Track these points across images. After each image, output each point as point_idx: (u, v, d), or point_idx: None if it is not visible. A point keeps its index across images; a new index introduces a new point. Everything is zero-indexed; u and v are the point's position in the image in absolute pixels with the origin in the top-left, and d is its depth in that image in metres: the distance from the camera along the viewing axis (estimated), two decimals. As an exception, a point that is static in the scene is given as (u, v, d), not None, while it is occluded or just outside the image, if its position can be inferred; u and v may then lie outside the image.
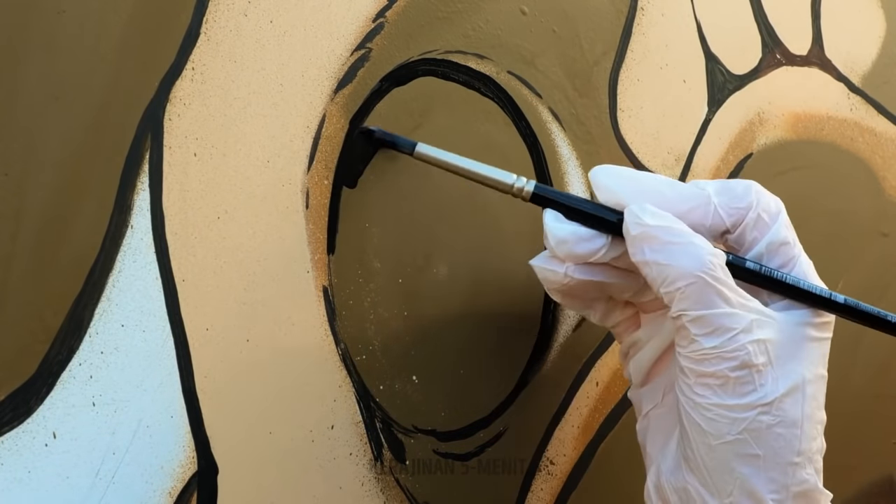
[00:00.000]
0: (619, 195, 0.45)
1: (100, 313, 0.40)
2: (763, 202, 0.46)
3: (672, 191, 0.45)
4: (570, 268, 0.45)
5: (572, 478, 0.56)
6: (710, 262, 0.42)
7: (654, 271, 0.43)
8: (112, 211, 0.40)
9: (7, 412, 0.38)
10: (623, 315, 0.49)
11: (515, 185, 0.46)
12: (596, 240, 0.45)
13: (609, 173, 0.45)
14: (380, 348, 0.48)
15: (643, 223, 0.43)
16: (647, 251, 0.43)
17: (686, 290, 0.42)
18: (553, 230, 0.45)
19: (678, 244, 0.43)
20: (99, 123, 0.40)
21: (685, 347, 0.43)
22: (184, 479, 0.42)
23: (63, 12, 0.39)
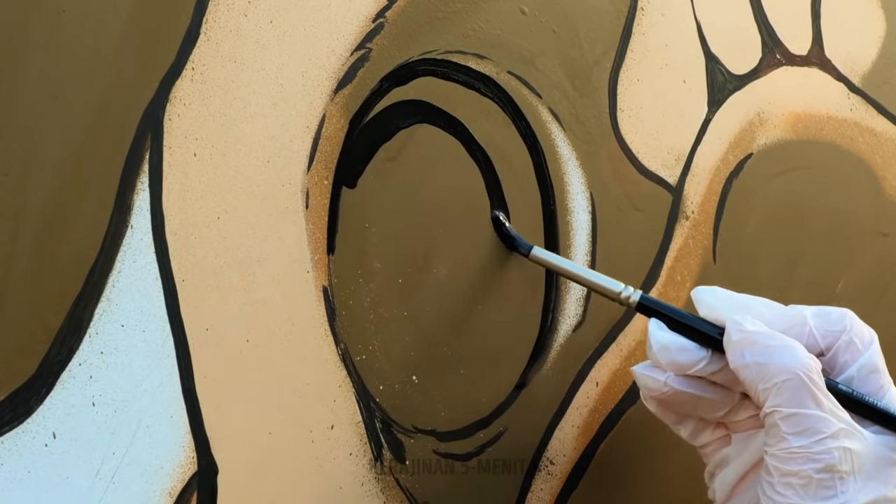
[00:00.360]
0: (719, 312, 0.47)
1: (100, 313, 0.40)
2: (857, 328, 0.48)
3: (770, 311, 0.47)
4: (671, 377, 0.47)
5: (572, 478, 0.56)
6: (808, 364, 0.44)
7: (753, 372, 0.44)
8: (112, 211, 0.40)
9: (7, 412, 0.38)
10: (713, 436, 0.50)
11: (622, 293, 0.49)
12: (697, 351, 0.46)
13: (711, 293, 0.48)
14: (380, 348, 0.48)
15: (744, 329, 0.45)
16: (746, 354, 0.45)
17: (783, 385, 0.44)
18: (656, 337, 0.47)
19: (778, 347, 0.44)
20: (99, 123, 0.40)
21: (773, 445, 0.44)
22: (184, 479, 0.42)
23: (63, 12, 0.39)
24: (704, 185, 0.61)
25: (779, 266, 0.65)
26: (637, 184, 0.58)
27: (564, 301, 0.55)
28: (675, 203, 0.60)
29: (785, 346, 0.44)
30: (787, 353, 0.44)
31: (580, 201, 0.56)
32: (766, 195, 0.64)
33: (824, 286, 0.68)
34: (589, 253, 0.56)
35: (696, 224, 0.61)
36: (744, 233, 0.63)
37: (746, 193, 0.63)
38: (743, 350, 0.45)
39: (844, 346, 0.47)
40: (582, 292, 0.56)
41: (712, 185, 0.62)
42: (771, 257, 0.65)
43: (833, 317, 0.48)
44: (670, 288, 0.60)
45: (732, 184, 0.63)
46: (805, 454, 0.44)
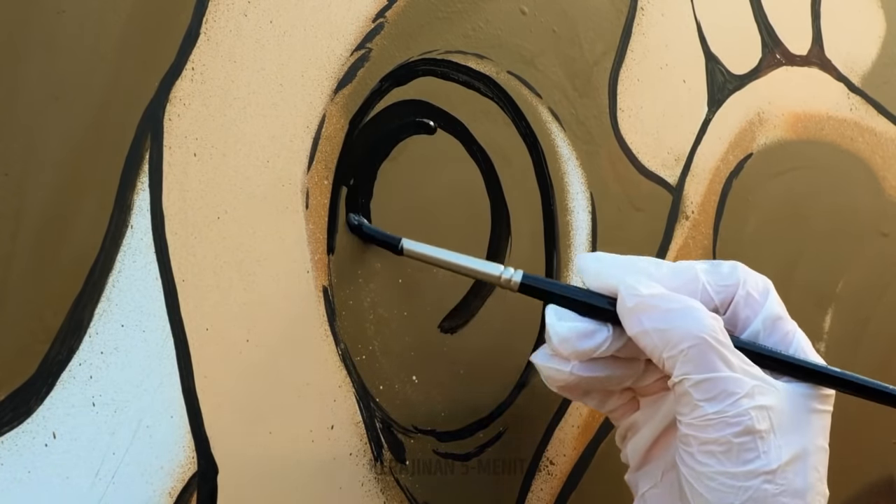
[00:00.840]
0: (607, 280, 0.45)
1: (100, 313, 0.40)
2: (751, 281, 0.46)
3: (658, 270, 0.45)
4: (576, 366, 0.45)
5: (572, 478, 0.56)
6: (711, 325, 0.42)
7: (655, 338, 0.43)
8: (112, 211, 0.40)
9: (7, 412, 0.38)
10: (620, 401, 0.48)
11: (503, 276, 0.46)
12: (597, 334, 0.44)
13: (595, 259, 0.46)
14: (380, 348, 0.48)
15: (639, 294, 0.43)
16: (644, 321, 0.43)
17: (689, 351, 0.42)
18: (554, 328, 0.45)
19: (677, 309, 0.43)
20: (99, 123, 0.40)
21: (687, 414, 0.43)
22: (184, 479, 0.42)
23: (63, 12, 0.39)
24: (704, 185, 0.61)
25: (779, 266, 0.65)
26: (637, 184, 0.58)
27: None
28: (675, 203, 0.60)
29: (684, 308, 0.43)
30: (689, 316, 0.42)
31: (580, 201, 0.56)
32: (766, 195, 0.64)
33: (824, 286, 0.68)
34: (589, 253, 0.56)
35: (696, 224, 0.61)
36: (744, 233, 0.63)
37: (746, 193, 0.63)
38: (640, 316, 0.43)
39: (743, 300, 0.45)
40: (582, 292, 0.56)
41: (712, 185, 0.62)
42: (771, 257, 0.65)
43: (724, 270, 0.46)
44: (670, 288, 0.60)
45: (732, 184, 0.63)
46: (721, 419, 0.42)
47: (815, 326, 0.68)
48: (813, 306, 0.67)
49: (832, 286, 0.68)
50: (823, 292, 0.68)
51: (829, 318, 0.68)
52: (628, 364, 0.46)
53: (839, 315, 0.68)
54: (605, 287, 0.45)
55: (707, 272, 0.46)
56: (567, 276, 0.55)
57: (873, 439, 0.70)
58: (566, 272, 0.55)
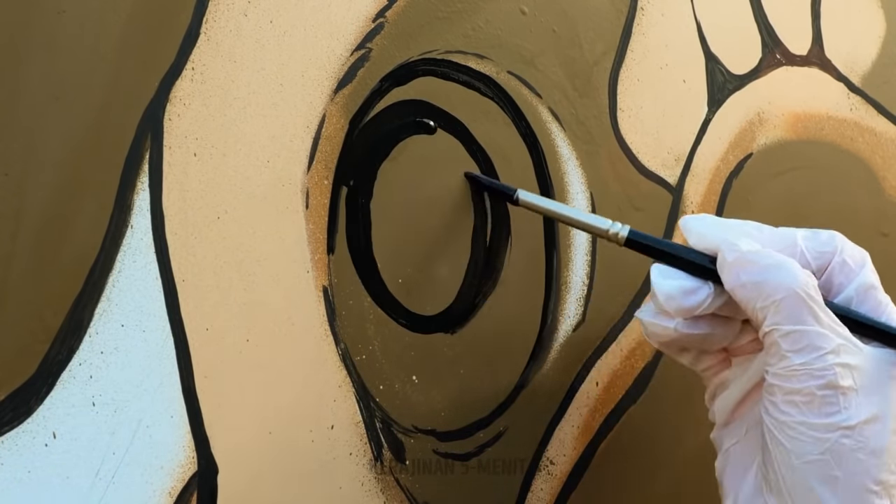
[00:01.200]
0: (710, 240, 0.46)
1: (100, 313, 0.40)
2: (848, 249, 0.47)
3: (760, 233, 0.47)
4: (680, 323, 0.46)
5: (572, 478, 0.56)
6: (804, 280, 0.44)
7: (750, 290, 0.44)
8: (112, 211, 0.40)
9: (7, 412, 0.38)
10: (714, 360, 0.50)
11: (611, 230, 0.48)
12: (700, 291, 0.46)
13: (700, 220, 0.47)
14: (380, 348, 0.48)
15: (739, 249, 0.45)
16: (741, 274, 0.44)
17: (781, 303, 0.43)
18: (660, 286, 0.46)
19: (773, 264, 0.44)
20: (99, 123, 0.40)
21: (774, 364, 0.44)
22: (184, 479, 0.42)
23: (63, 12, 0.39)
24: (704, 185, 0.61)
25: (779, 266, 0.65)
26: (637, 184, 0.58)
27: (564, 301, 0.55)
28: (675, 203, 0.60)
29: (780, 263, 0.44)
30: (783, 270, 0.44)
31: (580, 201, 0.56)
32: (766, 195, 0.64)
33: (824, 286, 0.68)
34: (589, 253, 0.56)
35: (696, 224, 0.61)
36: (744, 233, 0.63)
37: (746, 193, 0.63)
38: (738, 270, 0.44)
39: (838, 267, 0.47)
40: (582, 292, 0.56)
41: (712, 185, 0.62)
42: (771, 257, 0.65)
43: (823, 237, 0.47)
44: (670, 288, 0.60)
45: (732, 184, 0.63)
46: (807, 371, 0.43)
47: (815, 326, 0.67)
48: None
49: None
50: (823, 292, 0.68)
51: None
52: (727, 323, 0.47)
53: (839, 315, 0.68)
54: (708, 247, 0.46)
55: (806, 238, 0.47)
56: (567, 275, 0.55)
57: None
58: (566, 272, 0.55)
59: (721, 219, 0.48)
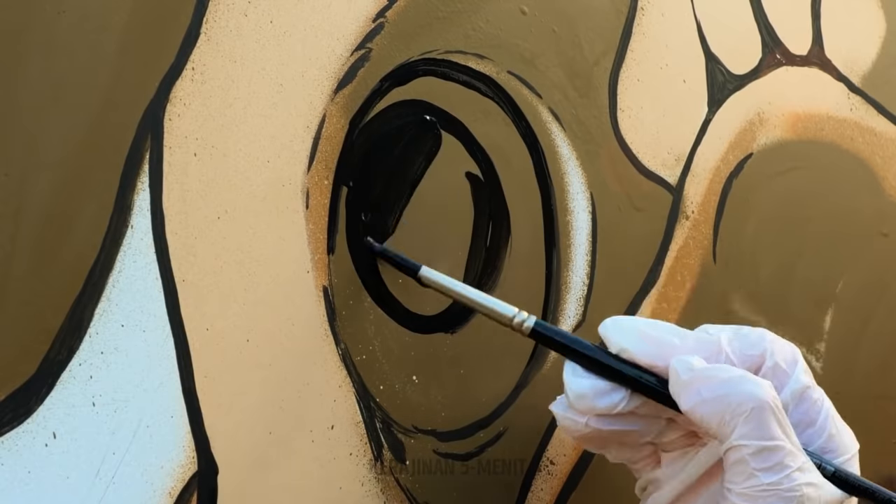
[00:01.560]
0: (630, 351, 0.45)
1: (100, 313, 0.40)
2: (778, 351, 0.46)
3: (682, 341, 0.45)
4: (592, 420, 0.45)
5: (572, 478, 0.56)
6: (771, 392, 0.42)
7: (714, 405, 0.42)
8: (112, 211, 0.40)
9: (7, 412, 0.38)
10: (641, 454, 0.48)
11: (515, 319, 0.46)
12: (614, 393, 0.45)
13: (619, 329, 0.46)
14: (380, 348, 0.48)
15: (692, 367, 0.43)
16: (703, 391, 0.43)
17: (751, 414, 0.42)
18: (571, 384, 0.45)
19: (736, 378, 0.43)
20: (99, 123, 0.40)
21: (740, 483, 0.42)
22: (184, 479, 0.42)
23: (63, 12, 0.39)
24: (704, 185, 0.61)
25: (779, 266, 0.65)
26: (637, 184, 0.58)
27: (564, 301, 0.55)
28: (675, 203, 0.60)
29: (742, 375, 0.43)
30: (748, 383, 0.42)
31: (580, 201, 0.56)
32: (766, 195, 0.64)
33: (824, 286, 0.68)
34: (589, 253, 0.56)
35: (696, 224, 0.61)
36: (744, 233, 0.63)
37: (746, 193, 0.63)
38: (698, 387, 0.43)
39: (770, 371, 0.45)
40: (582, 292, 0.56)
41: (712, 185, 0.62)
42: (771, 257, 0.65)
43: (752, 338, 0.45)
44: (670, 288, 0.60)
45: (732, 184, 0.63)
46: (775, 492, 0.42)
47: (815, 326, 0.68)
48: (813, 306, 0.67)
49: (832, 286, 0.68)
50: (823, 292, 0.68)
51: (829, 318, 0.68)
52: (648, 420, 0.46)
53: (839, 315, 0.68)
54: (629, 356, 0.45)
55: (732, 340, 0.46)
56: (567, 275, 0.55)
57: (873, 439, 0.70)
58: (566, 272, 0.55)
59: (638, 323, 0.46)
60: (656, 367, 0.45)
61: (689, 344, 0.45)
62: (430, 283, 0.47)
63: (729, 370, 0.43)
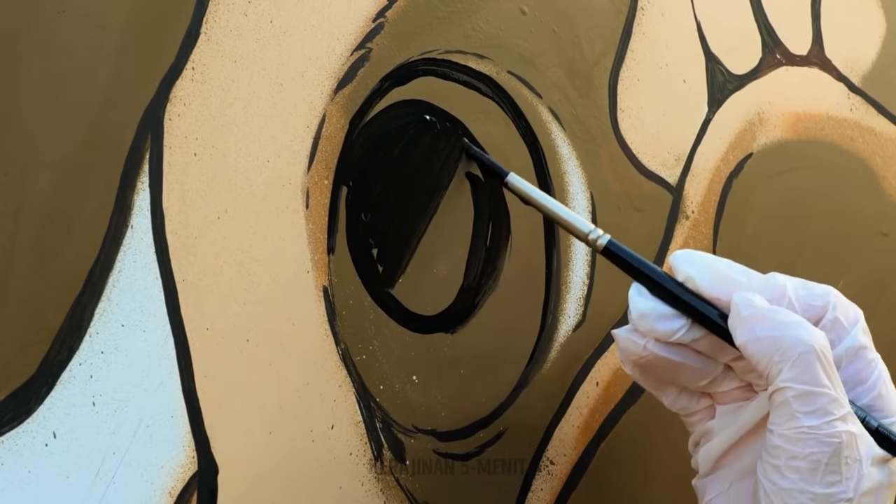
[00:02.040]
0: (696, 280, 0.45)
1: (100, 313, 0.40)
2: (841, 307, 0.46)
3: (749, 280, 0.46)
4: (651, 342, 0.46)
5: (572, 478, 0.56)
6: (822, 340, 0.43)
7: (766, 345, 0.43)
8: (112, 211, 0.40)
9: (7, 412, 0.38)
10: (697, 405, 0.49)
11: (590, 235, 0.48)
12: (676, 319, 0.45)
13: (689, 260, 0.46)
14: (380, 348, 0.48)
15: (753, 305, 0.44)
16: (757, 329, 0.43)
17: (798, 359, 0.42)
18: (635, 304, 0.45)
19: (790, 322, 0.43)
20: (99, 123, 0.40)
21: (781, 424, 0.43)
22: (184, 479, 0.42)
23: (63, 12, 0.39)
24: (704, 185, 0.61)
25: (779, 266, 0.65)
26: (637, 184, 0.58)
27: (564, 301, 0.55)
28: (675, 203, 0.60)
29: (798, 321, 0.43)
30: (801, 328, 0.43)
31: (580, 201, 0.56)
32: (767, 195, 0.64)
33: (824, 286, 0.68)
34: (589, 252, 0.56)
35: (696, 224, 0.61)
36: (744, 233, 0.63)
37: (746, 193, 0.63)
38: (754, 325, 0.43)
39: (829, 324, 0.46)
40: (582, 292, 0.56)
41: (712, 185, 0.62)
42: (771, 257, 0.65)
43: (817, 291, 0.46)
44: (670, 288, 0.60)
45: (732, 183, 0.63)
46: (815, 436, 0.42)
47: (815, 326, 0.68)
48: None
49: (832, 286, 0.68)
50: (823, 292, 0.68)
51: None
52: (705, 361, 0.46)
53: (839, 315, 0.68)
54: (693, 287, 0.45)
55: (797, 288, 0.46)
56: (567, 275, 0.55)
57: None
58: (566, 272, 0.55)
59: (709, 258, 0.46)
60: (719, 300, 0.45)
61: (754, 283, 0.46)
62: (514, 189, 0.50)
63: (786, 314, 0.44)
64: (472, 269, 0.52)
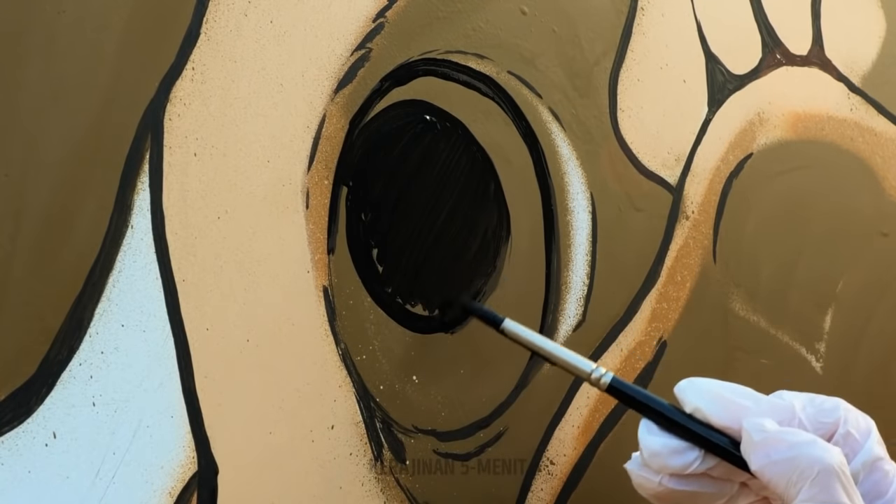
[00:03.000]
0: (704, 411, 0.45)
1: (100, 313, 0.40)
2: (852, 420, 0.46)
3: (756, 405, 0.45)
4: (665, 479, 0.45)
5: (572, 478, 0.56)
6: (840, 457, 0.43)
7: (783, 467, 0.43)
8: (112, 211, 0.40)
9: (7, 412, 0.38)
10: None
11: (593, 374, 0.47)
12: (688, 452, 0.45)
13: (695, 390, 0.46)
14: (380, 348, 0.49)
15: (765, 429, 0.44)
16: (772, 453, 0.43)
17: (818, 478, 0.42)
18: (646, 442, 0.45)
19: (805, 442, 0.43)
20: (99, 123, 0.40)
21: None
22: (184, 479, 0.42)
23: (63, 12, 0.39)
24: (705, 185, 0.61)
25: (779, 266, 0.65)
26: (637, 184, 0.58)
27: (564, 301, 0.55)
28: (675, 203, 0.60)
29: (812, 440, 0.43)
30: (817, 447, 0.43)
31: (580, 201, 0.56)
32: (767, 195, 0.64)
33: (824, 286, 0.68)
34: (589, 253, 0.56)
35: (696, 224, 0.61)
36: (744, 233, 0.63)
37: (746, 193, 0.63)
38: (768, 449, 0.43)
39: (842, 439, 0.45)
40: (582, 292, 0.56)
41: (712, 185, 0.62)
42: (771, 257, 0.65)
43: (826, 407, 0.46)
44: (670, 288, 0.60)
45: (732, 184, 0.63)
46: None
47: (815, 326, 0.68)
48: (813, 306, 0.67)
49: (832, 286, 0.68)
50: (823, 292, 0.68)
51: (829, 318, 0.68)
52: (721, 483, 0.46)
53: (839, 315, 0.68)
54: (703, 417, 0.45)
55: (806, 406, 0.46)
56: (567, 275, 0.55)
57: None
58: (566, 272, 0.55)
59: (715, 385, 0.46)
60: (730, 428, 0.45)
61: (762, 407, 0.45)
62: (511, 335, 0.48)
63: (799, 434, 0.43)
64: (472, 268, 0.52)
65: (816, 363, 0.67)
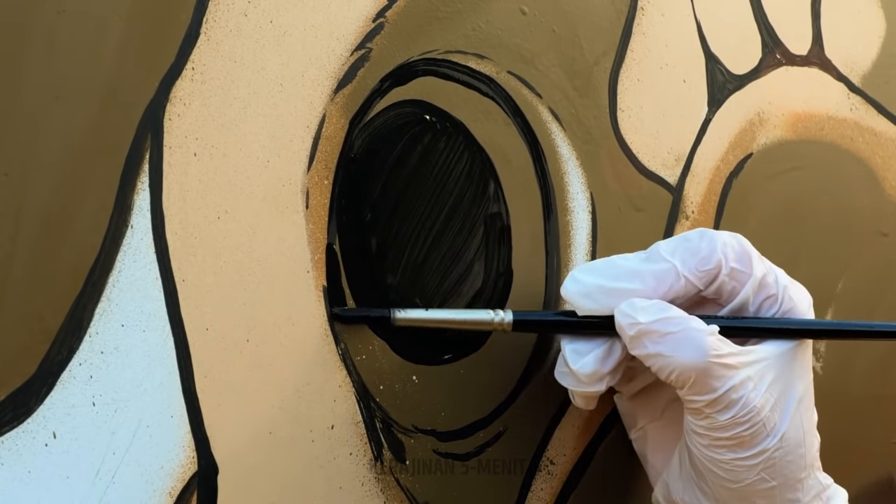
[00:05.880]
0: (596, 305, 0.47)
1: (100, 313, 0.40)
2: (729, 253, 0.48)
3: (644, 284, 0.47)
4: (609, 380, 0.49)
5: (572, 478, 0.56)
6: (711, 344, 0.45)
7: (660, 362, 0.45)
8: (112, 211, 0.40)
9: (7, 412, 0.38)
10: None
11: (495, 319, 0.48)
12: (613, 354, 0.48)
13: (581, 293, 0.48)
14: (380, 348, 0.48)
15: (637, 322, 0.45)
16: (647, 345, 0.45)
17: (695, 378, 0.44)
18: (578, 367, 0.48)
19: (677, 332, 0.45)
20: (99, 123, 0.40)
21: (699, 422, 0.46)
22: (184, 479, 0.42)
23: (63, 12, 0.39)
24: (704, 185, 0.61)
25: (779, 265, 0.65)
26: (637, 184, 0.58)
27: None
28: (675, 203, 0.60)
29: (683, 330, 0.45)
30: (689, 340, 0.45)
31: (580, 201, 0.56)
32: (766, 195, 0.64)
33: (824, 286, 0.68)
34: (589, 253, 0.56)
35: (696, 224, 0.61)
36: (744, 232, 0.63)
37: (746, 193, 0.63)
38: (643, 340, 0.45)
39: (728, 277, 0.48)
40: (582, 292, 0.56)
41: (712, 185, 0.62)
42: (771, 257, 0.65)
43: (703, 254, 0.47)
44: (670, 288, 0.60)
45: (732, 184, 0.63)
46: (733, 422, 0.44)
47: (815, 326, 0.68)
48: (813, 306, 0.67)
49: (832, 286, 0.68)
50: (823, 292, 0.68)
51: (829, 319, 0.68)
52: None
53: (839, 315, 0.68)
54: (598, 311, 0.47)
55: (685, 260, 0.47)
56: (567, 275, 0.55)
57: (873, 439, 0.70)
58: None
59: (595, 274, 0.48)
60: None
61: (650, 284, 0.47)
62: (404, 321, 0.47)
63: (668, 322, 0.45)
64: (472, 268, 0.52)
65: (816, 363, 0.67)
